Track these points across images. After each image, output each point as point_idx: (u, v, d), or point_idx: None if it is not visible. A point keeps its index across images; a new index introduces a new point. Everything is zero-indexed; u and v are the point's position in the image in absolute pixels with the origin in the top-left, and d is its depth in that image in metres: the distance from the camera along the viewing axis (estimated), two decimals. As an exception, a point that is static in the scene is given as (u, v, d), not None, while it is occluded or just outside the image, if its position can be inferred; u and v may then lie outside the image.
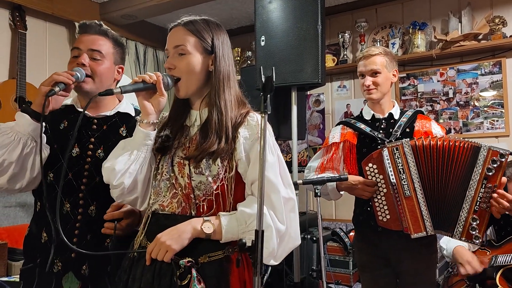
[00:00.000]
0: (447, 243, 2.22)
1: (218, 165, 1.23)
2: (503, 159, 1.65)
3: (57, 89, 1.35)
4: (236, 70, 5.05)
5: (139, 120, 1.29)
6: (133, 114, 1.60)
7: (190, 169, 1.24)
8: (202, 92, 1.33)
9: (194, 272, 1.18)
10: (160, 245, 1.19)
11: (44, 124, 1.43)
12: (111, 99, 1.60)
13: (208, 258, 1.22)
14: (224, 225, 1.20)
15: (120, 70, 1.61)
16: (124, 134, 1.55)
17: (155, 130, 1.30)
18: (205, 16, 1.36)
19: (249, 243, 1.02)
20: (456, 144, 1.76)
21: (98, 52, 1.51)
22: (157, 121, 1.31)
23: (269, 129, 1.29)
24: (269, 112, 1.00)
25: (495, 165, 1.66)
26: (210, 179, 1.23)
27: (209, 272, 1.20)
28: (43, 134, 1.44)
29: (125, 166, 1.26)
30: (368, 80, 2.02)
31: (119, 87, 1.25)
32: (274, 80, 0.97)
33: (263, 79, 0.99)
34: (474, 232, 1.69)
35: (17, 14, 3.07)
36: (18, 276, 1.67)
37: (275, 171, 1.22)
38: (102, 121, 1.55)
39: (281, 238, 1.20)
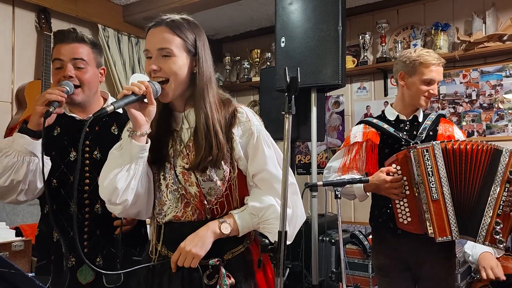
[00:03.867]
0: (472, 249, 2.17)
1: (223, 168, 1.27)
2: None
3: (52, 109, 1.36)
4: (255, 72, 4.98)
5: (130, 132, 1.22)
6: (120, 111, 1.53)
7: (197, 178, 1.26)
8: (185, 93, 1.30)
9: (223, 269, 1.24)
10: (185, 254, 1.22)
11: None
12: (97, 100, 1.63)
13: (232, 254, 1.29)
14: (239, 222, 1.27)
15: (102, 71, 1.63)
16: (116, 133, 1.58)
17: (148, 142, 1.24)
18: (185, 15, 1.33)
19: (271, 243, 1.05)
20: (480, 147, 1.73)
21: (81, 60, 1.51)
22: (149, 131, 1.24)
23: (259, 120, 1.33)
24: (293, 113, 1.01)
25: None
26: (219, 183, 1.27)
27: (235, 266, 1.27)
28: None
29: (126, 183, 1.21)
30: (436, 89, 1.98)
31: (112, 103, 1.19)
32: (299, 81, 0.97)
33: (288, 80, 0.99)
34: (497, 236, 1.66)
35: (42, 16, 3.14)
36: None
37: (274, 162, 1.29)
38: (93, 122, 1.52)
39: (290, 220, 1.28)
